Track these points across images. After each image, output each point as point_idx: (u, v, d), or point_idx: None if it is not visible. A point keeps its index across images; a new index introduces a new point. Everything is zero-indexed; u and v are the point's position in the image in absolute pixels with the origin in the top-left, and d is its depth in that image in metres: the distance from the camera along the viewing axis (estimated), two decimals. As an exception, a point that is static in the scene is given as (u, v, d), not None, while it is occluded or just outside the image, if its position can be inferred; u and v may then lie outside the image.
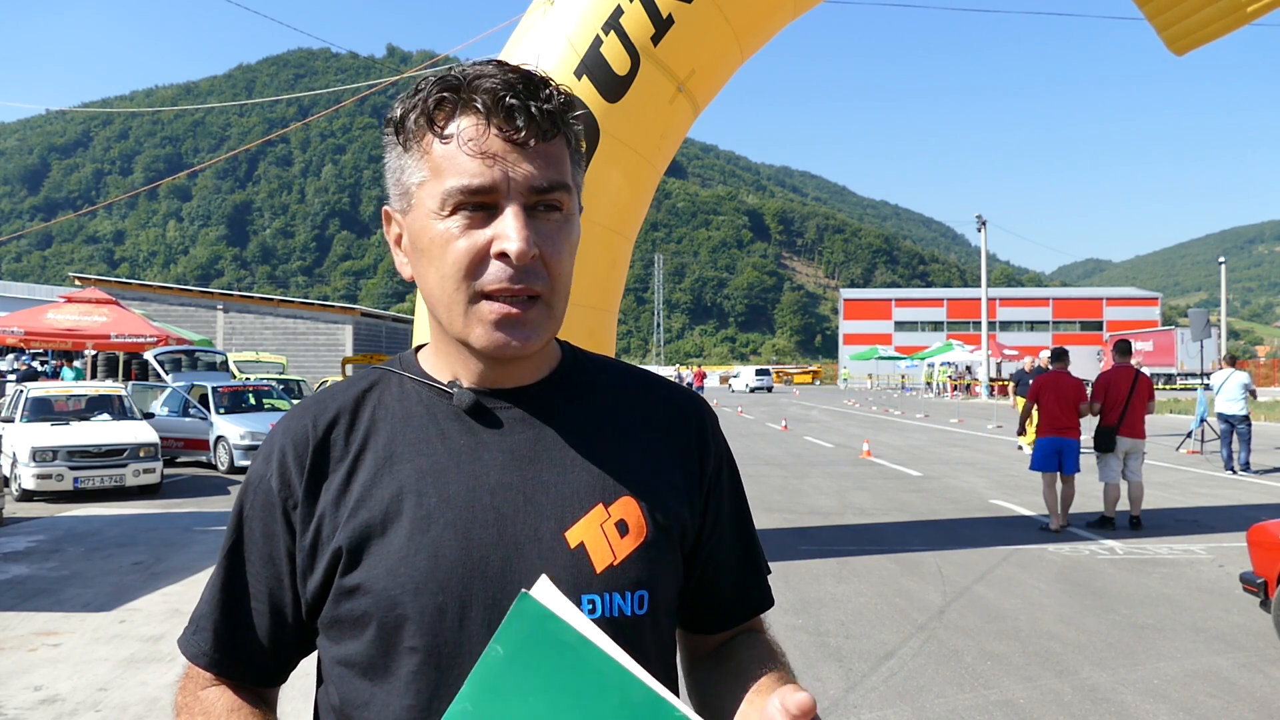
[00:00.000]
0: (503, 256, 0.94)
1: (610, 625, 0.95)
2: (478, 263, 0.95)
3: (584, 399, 1.08)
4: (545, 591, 0.84)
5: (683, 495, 1.07)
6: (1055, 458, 9.43)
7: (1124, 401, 9.47)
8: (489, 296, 0.95)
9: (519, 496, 0.99)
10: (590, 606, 0.97)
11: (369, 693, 0.97)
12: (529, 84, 0.96)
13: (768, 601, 1.18)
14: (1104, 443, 9.51)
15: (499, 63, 0.98)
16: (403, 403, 1.05)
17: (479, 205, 0.94)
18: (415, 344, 1.35)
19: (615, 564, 0.99)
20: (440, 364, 1.06)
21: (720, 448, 1.15)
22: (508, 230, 0.93)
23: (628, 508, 1.02)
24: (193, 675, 1.07)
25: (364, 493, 0.99)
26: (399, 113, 0.99)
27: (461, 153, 0.94)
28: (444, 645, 0.94)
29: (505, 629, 0.82)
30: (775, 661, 1.08)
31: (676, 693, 1.07)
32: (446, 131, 0.95)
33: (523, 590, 0.83)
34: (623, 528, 1.01)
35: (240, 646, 1.05)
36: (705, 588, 1.12)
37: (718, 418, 1.17)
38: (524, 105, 0.94)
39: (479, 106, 0.94)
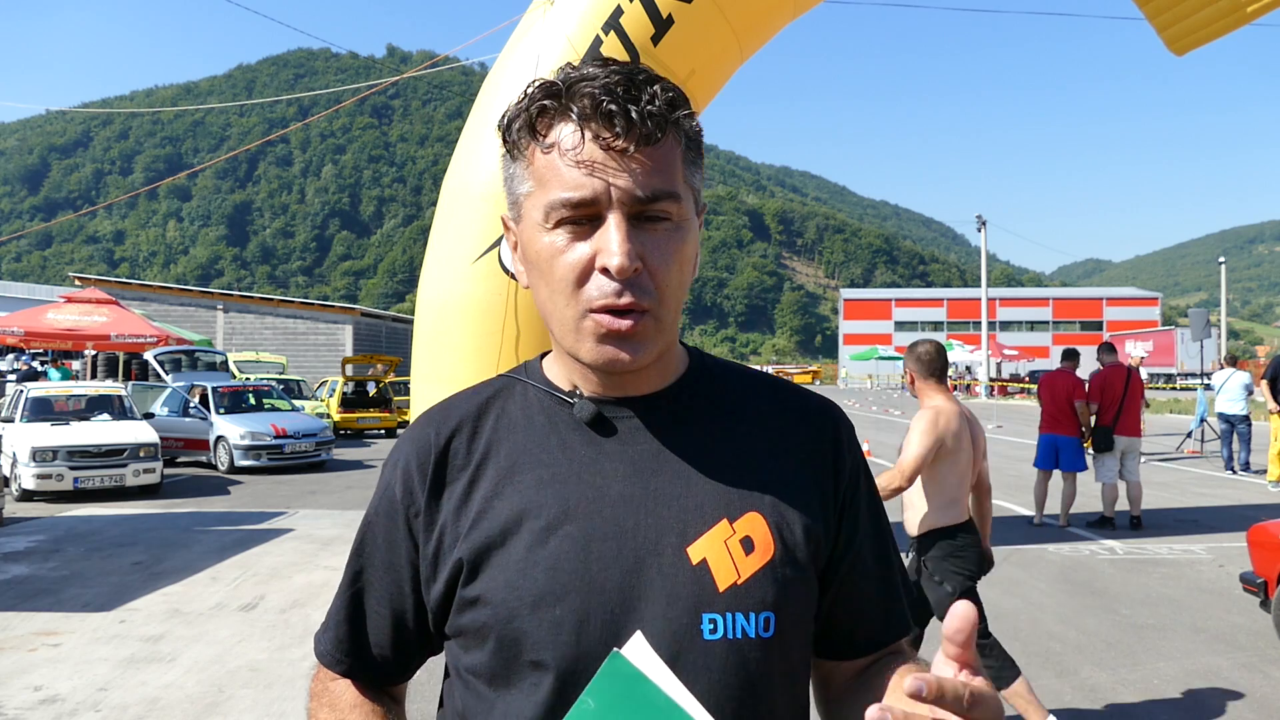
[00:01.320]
0: (605, 271, 0.91)
1: (733, 647, 0.93)
2: (583, 278, 0.92)
3: (711, 408, 1.04)
4: (638, 650, 0.84)
5: (815, 512, 1.02)
6: (1052, 453, 9.55)
7: (1119, 401, 9.50)
8: (595, 311, 0.92)
9: (640, 509, 0.96)
10: (711, 626, 0.93)
11: (490, 700, 0.97)
12: (630, 85, 0.91)
13: (908, 626, 1.12)
14: (1102, 442, 9.53)
15: (604, 62, 0.94)
16: (525, 412, 1.03)
17: (582, 217, 0.91)
18: (413, 346, 1.34)
19: (739, 583, 0.95)
20: (561, 372, 1.04)
21: (856, 459, 1.08)
22: (609, 244, 0.90)
23: (754, 524, 0.97)
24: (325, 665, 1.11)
25: (484, 504, 0.98)
26: (506, 119, 0.96)
27: (562, 163, 0.91)
28: (562, 660, 0.92)
29: (596, 685, 0.84)
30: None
31: None
32: (548, 141, 0.92)
33: (615, 650, 0.84)
34: (748, 545, 0.96)
35: (362, 648, 1.06)
36: (840, 610, 1.07)
37: (853, 426, 1.11)
38: (623, 110, 0.89)
39: (578, 114, 0.90)
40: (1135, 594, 6.83)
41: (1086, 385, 9.70)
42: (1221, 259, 51.80)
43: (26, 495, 11.67)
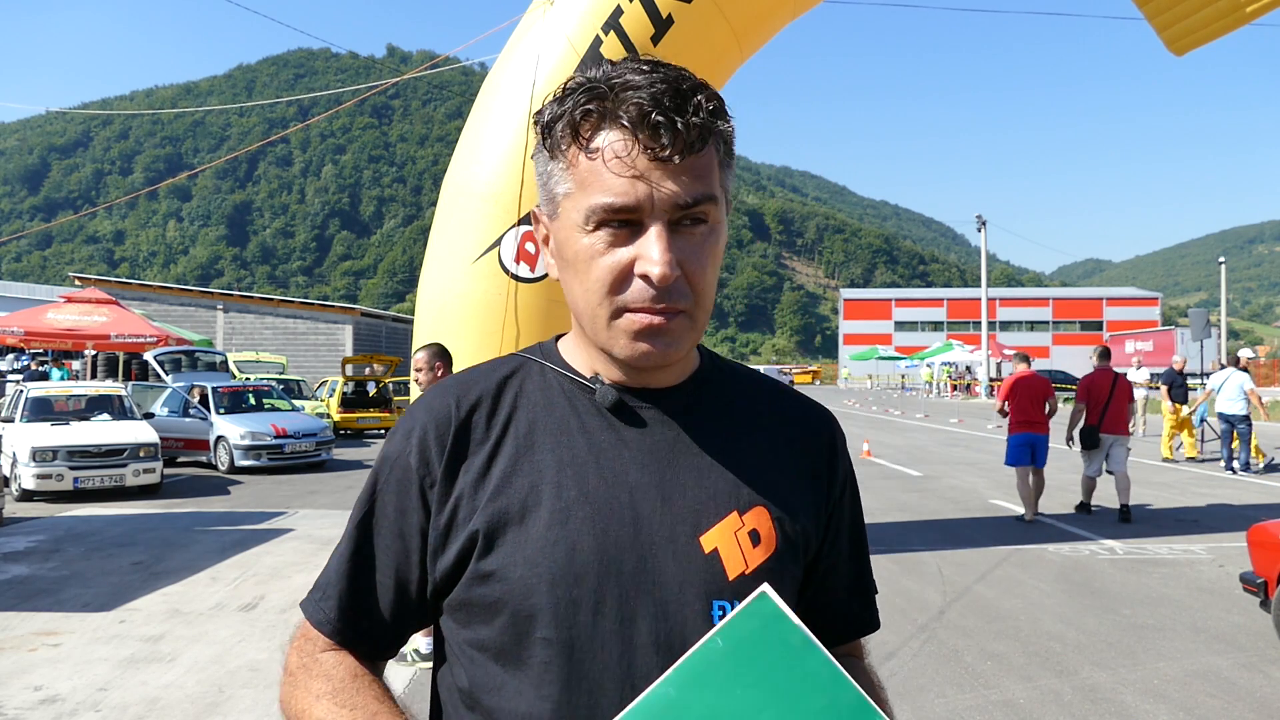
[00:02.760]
0: (645, 277, 0.93)
1: None
2: (621, 280, 0.94)
3: (721, 404, 1.08)
4: (775, 595, 0.86)
5: (809, 511, 1.07)
6: (1028, 451, 9.95)
7: (1104, 402, 10.11)
8: (631, 310, 0.95)
9: (656, 497, 0.99)
10: (721, 612, 0.97)
11: (501, 678, 0.97)
12: (677, 95, 0.92)
13: (873, 624, 1.19)
14: (1088, 440, 10.16)
15: (650, 66, 0.95)
16: (545, 392, 1.05)
17: (623, 222, 0.93)
18: (413, 346, 1.34)
19: (747, 573, 0.99)
20: (581, 358, 1.06)
21: (847, 467, 1.15)
22: (650, 252, 0.92)
23: (760, 518, 1.02)
24: (310, 637, 1.07)
25: (503, 479, 0.99)
26: (546, 118, 0.97)
27: (606, 169, 0.92)
28: (576, 639, 0.95)
29: (733, 624, 0.85)
30: (873, 695, 1.07)
31: None
32: (592, 146, 0.93)
33: (762, 589, 0.86)
34: (755, 537, 1.01)
35: (363, 617, 1.05)
36: (814, 604, 1.12)
37: (846, 435, 1.17)
38: (670, 122, 0.90)
39: (625, 122, 0.91)
40: (1135, 594, 6.83)
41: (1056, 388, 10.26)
42: (1221, 259, 51.78)
43: (26, 495, 11.67)
